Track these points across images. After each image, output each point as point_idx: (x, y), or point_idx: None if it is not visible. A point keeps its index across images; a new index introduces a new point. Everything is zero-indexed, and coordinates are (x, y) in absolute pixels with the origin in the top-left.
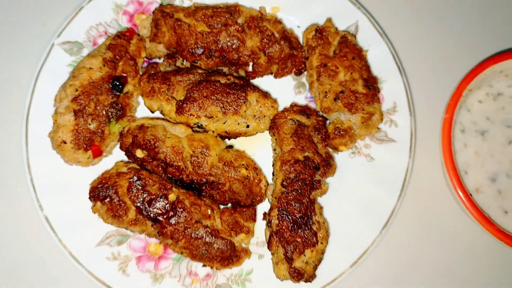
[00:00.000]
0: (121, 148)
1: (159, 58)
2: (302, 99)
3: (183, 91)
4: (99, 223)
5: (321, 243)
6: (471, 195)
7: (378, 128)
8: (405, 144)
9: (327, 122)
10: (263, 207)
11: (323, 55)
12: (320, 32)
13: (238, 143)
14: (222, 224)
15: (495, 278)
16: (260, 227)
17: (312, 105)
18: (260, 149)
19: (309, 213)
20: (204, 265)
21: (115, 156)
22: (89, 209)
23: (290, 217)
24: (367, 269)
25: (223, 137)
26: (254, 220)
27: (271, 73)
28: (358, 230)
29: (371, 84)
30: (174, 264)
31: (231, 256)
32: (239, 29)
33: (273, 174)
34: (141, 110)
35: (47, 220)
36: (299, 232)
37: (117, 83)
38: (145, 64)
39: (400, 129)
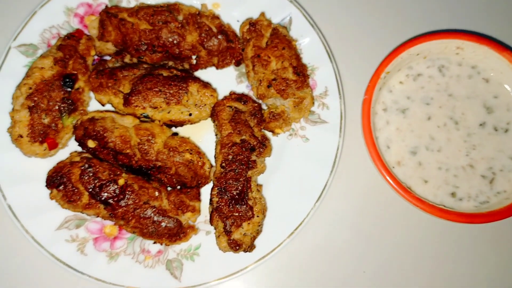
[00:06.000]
0: (75, 139)
1: (110, 55)
2: (243, 88)
3: (129, 85)
4: (58, 209)
5: (257, 216)
6: (393, 167)
7: (311, 111)
8: (336, 124)
9: (264, 108)
10: (210, 188)
11: (256, 46)
12: (254, 25)
13: (186, 131)
14: (169, 204)
15: (417, 242)
16: (208, 206)
17: (252, 93)
18: (207, 135)
19: (245, 190)
20: (154, 242)
21: (72, 148)
22: (48, 197)
23: (228, 194)
24: (305, 240)
25: (169, 126)
26: (199, 199)
27: (214, 65)
28: (295, 204)
29: (300, 71)
30: (128, 243)
31: (178, 233)
32: (179, 25)
33: (214, 157)
34: (95, 104)
35: (10, 208)
36: (237, 207)
37: (68, 80)
38: (96, 62)
39: (332, 111)
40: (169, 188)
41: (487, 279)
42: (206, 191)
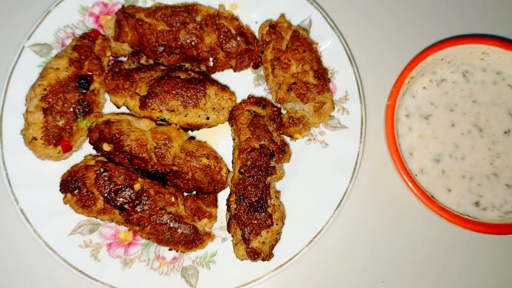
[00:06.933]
0: (90, 142)
1: (125, 56)
2: (261, 91)
3: (146, 87)
4: (72, 214)
5: (276, 224)
6: (416, 175)
7: (330, 116)
8: (356, 130)
9: (283, 112)
10: (226, 194)
11: (276, 49)
12: (273, 27)
13: (202, 135)
14: (185, 210)
15: (438, 251)
16: (224, 212)
17: (270, 96)
18: (223, 139)
19: (264, 197)
20: (170, 249)
21: (86, 151)
22: (61, 201)
23: (246, 201)
24: (322, 247)
25: (186, 129)
26: (216, 205)
27: (231, 67)
28: (314, 211)
29: (321, 75)
30: (143, 249)
31: (194, 239)
32: (197, 27)
33: (232, 162)
34: (109, 107)
35: (23, 212)
36: (255, 215)
37: (83, 82)
38: (112, 63)
39: (352, 116)
40: (185, 194)
41: None
42: (221, 197)
